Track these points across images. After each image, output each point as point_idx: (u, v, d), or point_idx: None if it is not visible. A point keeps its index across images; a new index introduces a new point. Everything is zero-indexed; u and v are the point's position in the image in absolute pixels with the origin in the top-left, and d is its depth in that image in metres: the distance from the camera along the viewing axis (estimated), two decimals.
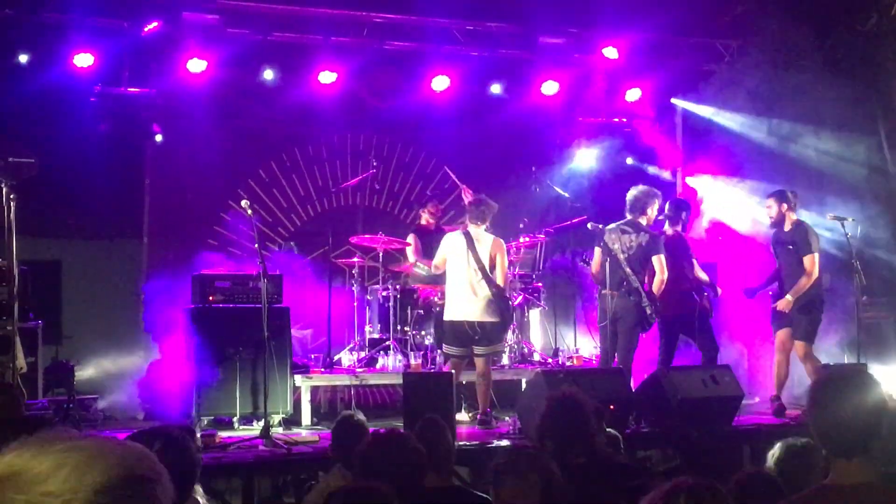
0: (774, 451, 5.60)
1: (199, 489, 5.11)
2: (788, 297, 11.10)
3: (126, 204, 12.98)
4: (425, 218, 13.13)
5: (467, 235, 10.66)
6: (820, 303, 11.29)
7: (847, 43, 13.89)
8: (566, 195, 14.00)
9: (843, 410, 3.48)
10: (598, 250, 11.11)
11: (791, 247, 11.26)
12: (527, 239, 12.88)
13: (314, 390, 11.47)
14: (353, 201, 14.18)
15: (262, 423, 9.74)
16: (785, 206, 11.37)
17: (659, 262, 10.89)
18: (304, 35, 13.28)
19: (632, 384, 10.40)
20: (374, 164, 13.30)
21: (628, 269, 10.75)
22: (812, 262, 11.07)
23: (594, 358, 12.42)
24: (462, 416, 11.02)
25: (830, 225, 12.16)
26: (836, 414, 3.50)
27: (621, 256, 10.81)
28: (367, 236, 12.53)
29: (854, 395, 3.50)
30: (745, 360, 12.96)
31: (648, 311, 10.74)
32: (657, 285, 10.85)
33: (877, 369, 11.15)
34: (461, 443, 9.20)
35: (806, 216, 12.11)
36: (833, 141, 13.98)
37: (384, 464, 4.87)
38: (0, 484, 1.74)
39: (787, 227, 11.36)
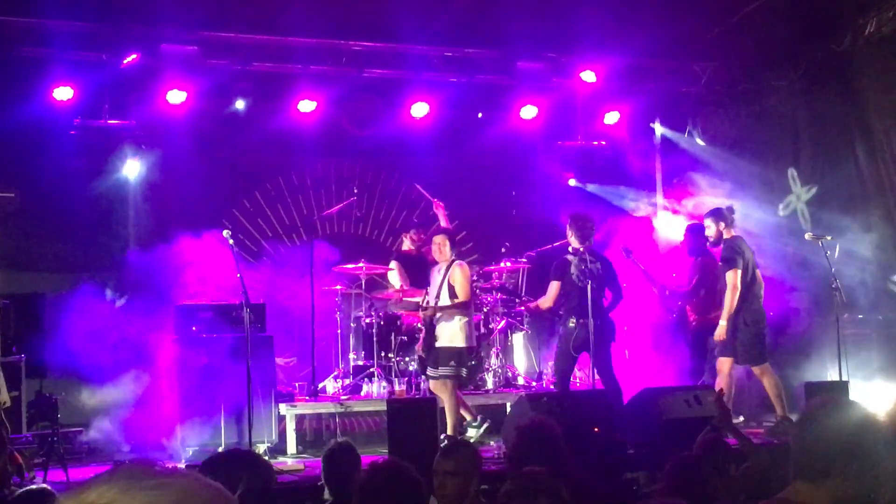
0: None
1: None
2: (721, 322, 11.16)
3: (107, 235, 12.97)
4: (407, 244, 13.17)
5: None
6: (754, 320, 11.27)
7: (822, 63, 13.98)
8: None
9: (813, 436, 3.52)
10: (557, 283, 11.00)
11: (722, 264, 11.33)
12: (508, 264, 12.91)
13: (299, 418, 11.47)
14: (337, 229, 14.21)
15: None
16: (722, 224, 11.40)
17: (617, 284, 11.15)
18: (283, 64, 13.33)
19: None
20: (355, 191, 13.34)
21: (592, 297, 10.79)
22: (733, 278, 11.08)
23: (578, 381, 12.44)
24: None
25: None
26: (807, 438, 3.54)
27: (586, 283, 10.82)
28: (350, 265, 12.56)
29: (830, 422, 3.53)
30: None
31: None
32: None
33: (859, 386, 11.22)
34: None
35: (784, 234, 12.18)
36: (809, 161, 14.09)
37: (385, 494, 4.85)
38: None
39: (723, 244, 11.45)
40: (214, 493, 1.84)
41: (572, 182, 15.27)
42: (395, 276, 12.65)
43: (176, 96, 12.61)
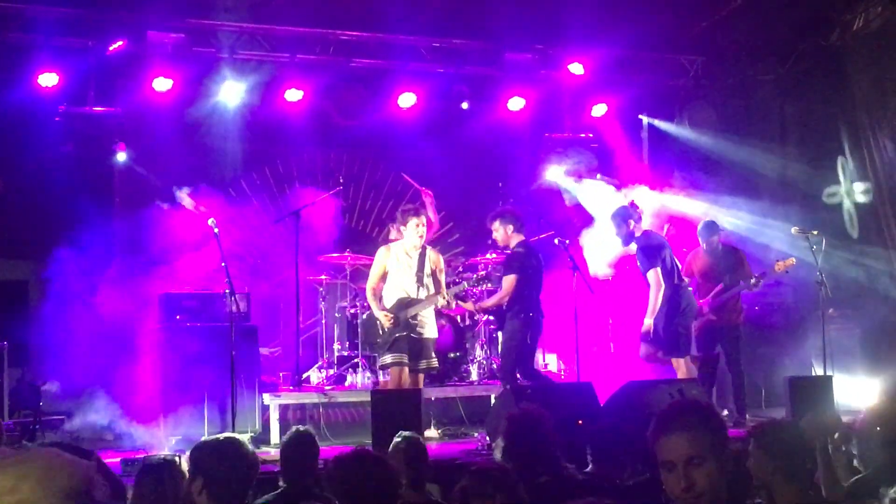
0: None
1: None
2: (646, 320, 11.10)
3: (94, 223, 12.91)
4: (394, 234, 13.11)
5: None
6: (676, 315, 11.16)
7: (810, 58, 14.01)
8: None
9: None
10: (514, 277, 10.86)
11: (641, 265, 11.22)
12: (494, 255, 12.88)
13: (283, 408, 11.43)
14: (322, 219, 14.15)
15: None
16: (631, 221, 11.32)
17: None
18: (270, 53, 13.29)
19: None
20: (342, 181, 13.28)
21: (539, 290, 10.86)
22: (654, 276, 11.03)
23: (562, 373, 12.44)
24: (431, 432, 11.00)
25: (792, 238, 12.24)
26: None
27: (537, 276, 10.86)
28: (335, 254, 12.52)
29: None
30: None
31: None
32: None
33: (843, 380, 11.24)
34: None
35: (771, 229, 12.20)
36: (797, 154, 14.11)
37: (355, 484, 4.81)
38: None
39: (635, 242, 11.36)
40: (73, 463, 1.96)
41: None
42: None
43: (162, 84, 12.55)
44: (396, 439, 6.37)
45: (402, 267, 10.28)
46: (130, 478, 5.82)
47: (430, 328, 10.36)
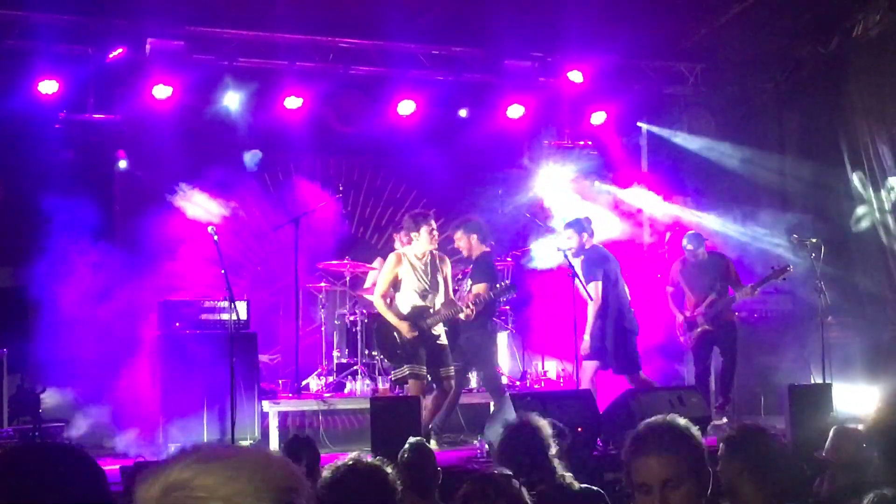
0: None
1: None
2: (585, 337, 11.08)
3: (93, 230, 12.91)
4: (399, 243, 13.07)
5: None
6: (627, 331, 11.17)
7: (810, 65, 14.03)
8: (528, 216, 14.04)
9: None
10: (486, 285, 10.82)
11: (585, 276, 11.15)
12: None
13: (282, 416, 11.42)
14: (322, 227, 14.15)
15: None
16: (585, 235, 11.31)
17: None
18: (270, 60, 13.30)
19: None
20: (341, 188, 13.29)
21: None
22: (595, 290, 11.00)
23: (562, 380, 12.44)
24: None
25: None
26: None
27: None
28: (334, 262, 12.53)
29: None
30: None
31: None
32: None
33: (842, 388, 11.23)
34: None
35: (769, 237, 12.20)
36: (796, 162, 14.11)
37: (352, 494, 4.76)
38: (166, 495, 1.86)
39: (583, 255, 11.32)
40: (286, 467, 1.97)
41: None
42: (375, 275, 12.55)
43: (162, 91, 12.56)
44: (405, 446, 6.39)
45: (416, 274, 10.20)
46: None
47: (444, 336, 10.36)
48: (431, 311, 10.19)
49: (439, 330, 10.27)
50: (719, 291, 11.67)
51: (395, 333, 10.10)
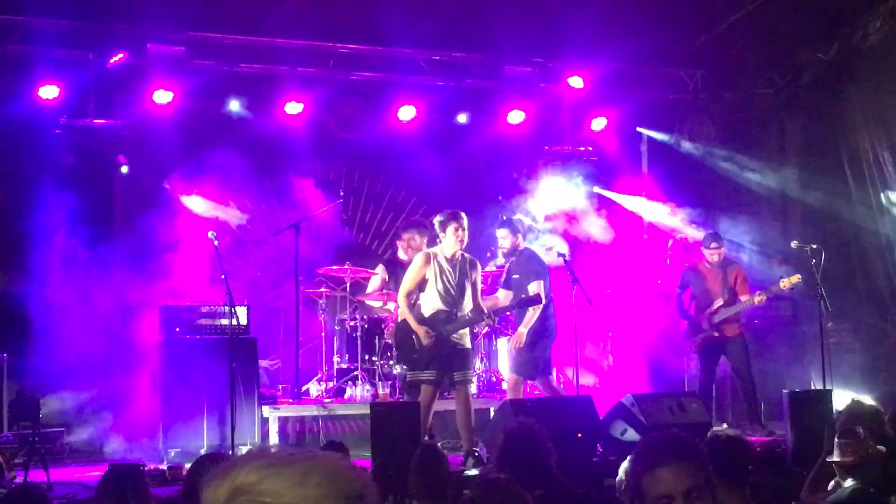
0: None
1: None
2: (520, 329, 10.76)
3: (93, 235, 12.91)
4: (402, 252, 13.01)
5: None
6: (539, 333, 10.92)
7: (810, 72, 14.04)
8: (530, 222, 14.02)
9: None
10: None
11: (517, 276, 10.97)
12: (494, 268, 12.87)
13: (282, 421, 11.42)
14: (322, 232, 14.16)
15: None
16: (520, 236, 11.15)
17: None
18: (271, 66, 13.30)
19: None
20: (342, 194, 13.29)
21: None
22: (538, 288, 10.73)
23: (562, 386, 12.43)
24: None
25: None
26: None
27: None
28: (335, 267, 12.53)
29: None
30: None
31: None
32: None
33: (843, 395, 11.22)
34: None
35: (770, 243, 12.20)
36: (796, 168, 14.11)
37: None
38: (233, 498, 1.85)
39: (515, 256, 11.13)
40: (355, 474, 1.95)
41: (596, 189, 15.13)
42: (376, 280, 12.52)
43: (162, 96, 12.58)
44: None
45: (444, 277, 9.90)
46: None
47: (467, 339, 10.11)
48: (455, 316, 9.93)
49: (462, 335, 10.00)
50: (727, 298, 11.63)
51: (414, 337, 9.85)
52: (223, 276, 9.89)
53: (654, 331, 13.01)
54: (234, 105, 13.14)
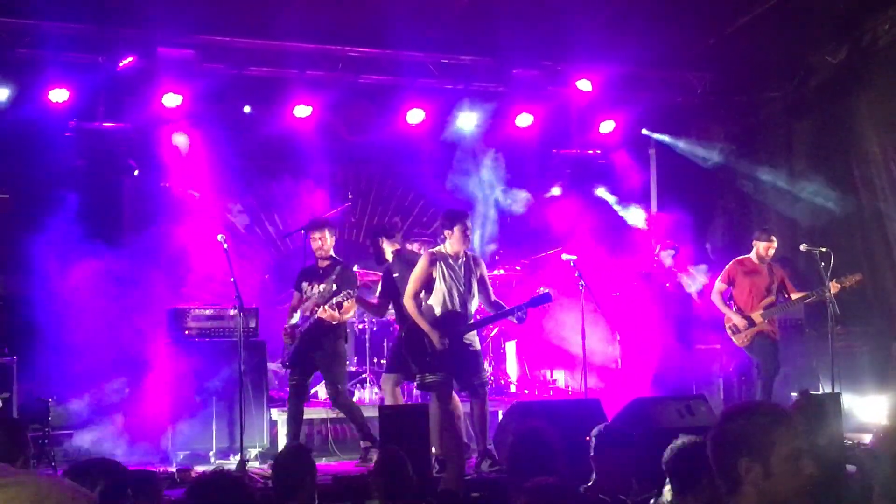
0: None
1: None
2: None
3: (103, 238, 12.94)
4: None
5: None
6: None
7: (819, 75, 14.01)
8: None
9: None
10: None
11: (397, 274, 10.78)
12: (502, 271, 12.90)
13: None
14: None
15: (238, 457, 9.71)
16: (383, 239, 11.05)
17: None
18: (279, 69, 13.32)
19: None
20: (350, 197, 13.32)
21: None
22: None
23: (570, 389, 12.44)
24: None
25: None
26: None
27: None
28: None
29: None
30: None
31: None
32: None
33: (851, 399, 11.21)
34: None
35: (780, 245, 12.19)
36: (804, 172, 14.09)
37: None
38: None
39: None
40: (69, 490, 1.97)
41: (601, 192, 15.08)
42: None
43: (172, 100, 12.62)
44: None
45: (451, 276, 9.67)
46: None
47: (477, 340, 9.90)
48: (465, 315, 9.71)
49: (472, 336, 9.79)
50: (777, 296, 11.63)
51: (426, 339, 9.57)
52: (232, 279, 9.90)
53: (662, 333, 12.99)
54: (243, 109, 13.19)
